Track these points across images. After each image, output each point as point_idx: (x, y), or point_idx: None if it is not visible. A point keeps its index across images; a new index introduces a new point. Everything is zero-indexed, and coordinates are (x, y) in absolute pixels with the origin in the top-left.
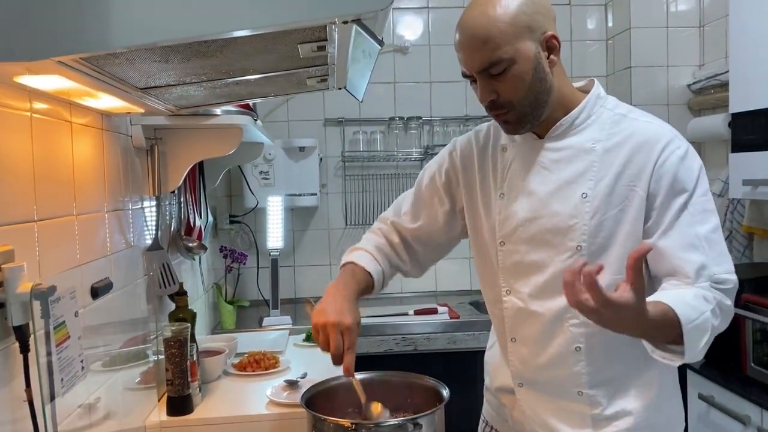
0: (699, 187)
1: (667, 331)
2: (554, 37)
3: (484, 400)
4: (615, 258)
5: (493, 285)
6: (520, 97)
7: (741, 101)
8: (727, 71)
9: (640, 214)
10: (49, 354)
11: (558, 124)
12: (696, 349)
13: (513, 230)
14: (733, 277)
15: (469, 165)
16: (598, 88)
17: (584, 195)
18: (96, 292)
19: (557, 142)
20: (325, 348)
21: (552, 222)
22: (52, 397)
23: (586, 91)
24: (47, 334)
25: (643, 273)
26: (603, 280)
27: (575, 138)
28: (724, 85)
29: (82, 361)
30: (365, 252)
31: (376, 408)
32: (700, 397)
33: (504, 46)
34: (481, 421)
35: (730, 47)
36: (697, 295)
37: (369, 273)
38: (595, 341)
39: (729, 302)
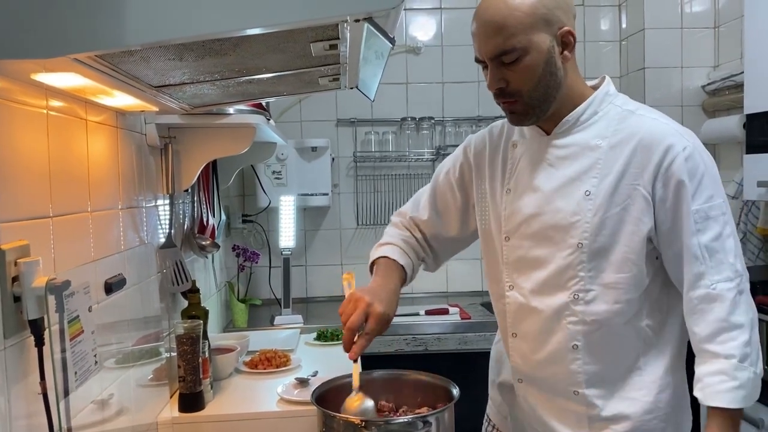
0: (703, 193)
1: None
2: (571, 33)
3: (489, 397)
4: (617, 257)
5: (498, 280)
6: (529, 88)
7: (756, 102)
8: (742, 72)
9: (643, 214)
10: (63, 351)
11: (564, 120)
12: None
13: (518, 225)
14: (729, 284)
15: (481, 160)
16: (608, 86)
17: (587, 192)
18: (109, 288)
19: (563, 138)
20: (344, 320)
21: (555, 219)
22: (66, 392)
23: (598, 88)
24: (61, 328)
25: None
26: (606, 279)
27: (581, 135)
28: (739, 87)
29: (95, 356)
30: (394, 246)
31: (358, 398)
32: None
33: (519, 35)
34: (485, 420)
35: (746, 48)
36: (727, 369)
37: (402, 266)
38: (594, 339)
39: (738, 317)
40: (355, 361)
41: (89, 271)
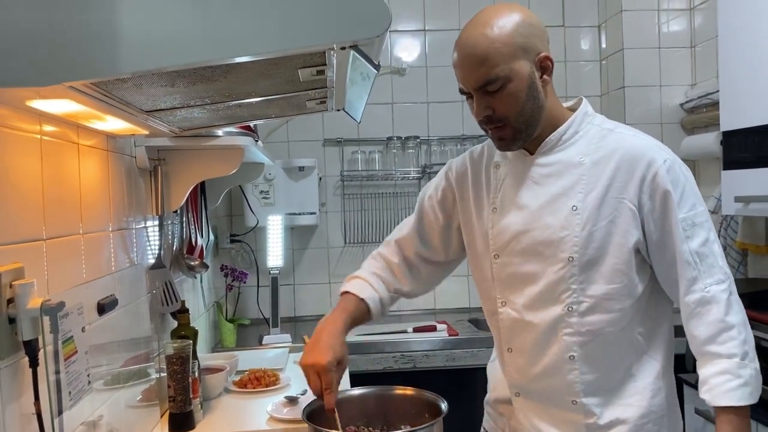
0: (687, 201)
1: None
2: (548, 58)
3: (485, 411)
4: (607, 268)
5: (489, 297)
6: (515, 113)
7: (732, 120)
8: (718, 91)
9: (631, 225)
10: (57, 371)
11: (547, 140)
12: (759, 387)
13: (506, 243)
14: (722, 286)
15: (463, 183)
16: (585, 106)
17: (574, 207)
18: (102, 308)
19: (546, 157)
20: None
21: (544, 234)
22: (60, 411)
23: (575, 109)
24: (56, 349)
25: None
26: (598, 290)
27: (564, 153)
28: (716, 104)
29: (88, 376)
30: (360, 279)
31: None
32: (697, 412)
33: (501, 64)
34: None
35: (720, 67)
36: (731, 369)
37: (363, 300)
38: (589, 350)
39: (733, 317)
40: (333, 412)
41: (82, 292)
